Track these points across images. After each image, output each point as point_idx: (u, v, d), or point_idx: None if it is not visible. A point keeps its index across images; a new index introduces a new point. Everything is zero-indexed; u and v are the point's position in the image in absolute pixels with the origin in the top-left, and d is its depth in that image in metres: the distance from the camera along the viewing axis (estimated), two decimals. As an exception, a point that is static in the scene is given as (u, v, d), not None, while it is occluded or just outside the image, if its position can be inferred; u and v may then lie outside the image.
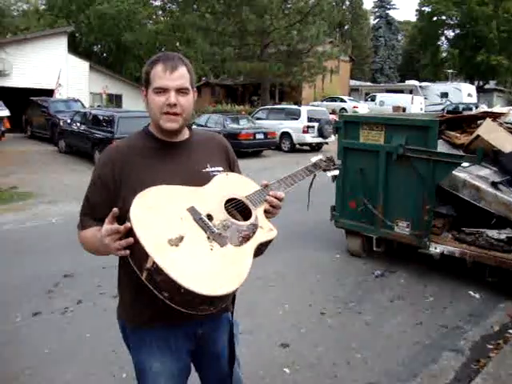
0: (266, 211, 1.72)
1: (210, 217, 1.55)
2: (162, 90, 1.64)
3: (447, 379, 3.34)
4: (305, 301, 4.66)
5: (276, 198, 1.74)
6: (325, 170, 2.12)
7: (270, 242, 1.67)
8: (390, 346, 3.81)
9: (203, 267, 1.42)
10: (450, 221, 5.35)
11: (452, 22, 45.60)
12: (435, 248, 5.02)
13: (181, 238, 1.43)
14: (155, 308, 1.57)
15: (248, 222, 1.62)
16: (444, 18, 45.12)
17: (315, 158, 2.12)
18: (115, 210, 1.46)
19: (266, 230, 1.65)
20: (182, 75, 1.66)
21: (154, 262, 1.34)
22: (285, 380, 3.34)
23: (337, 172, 2.15)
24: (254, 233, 1.61)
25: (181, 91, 1.65)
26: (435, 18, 45.17)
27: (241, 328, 2.09)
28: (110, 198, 1.65)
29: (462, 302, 4.66)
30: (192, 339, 1.80)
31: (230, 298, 1.52)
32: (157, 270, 1.35)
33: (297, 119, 17.56)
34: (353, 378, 3.38)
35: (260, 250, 1.63)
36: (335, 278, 5.29)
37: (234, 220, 1.59)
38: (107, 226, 1.45)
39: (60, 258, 5.81)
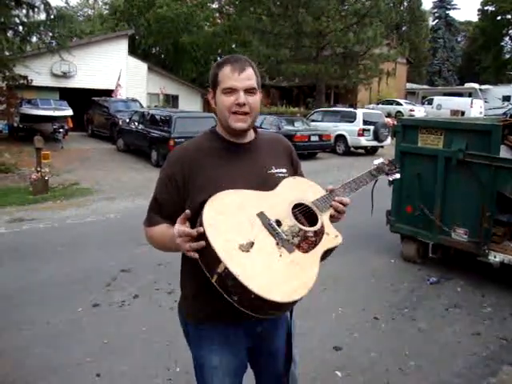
0: (331, 216, 1.74)
1: (278, 222, 1.58)
2: (231, 90, 1.68)
3: (506, 393, 3.23)
4: (358, 305, 4.62)
5: (341, 203, 1.76)
6: (387, 174, 2.12)
7: (335, 248, 1.69)
8: (445, 356, 3.72)
9: (273, 274, 1.45)
10: (511, 229, 5.16)
11: (518, 21, 43.77)
12: (495, 257, 4.85)
13: (251, 244, 1.46)
14: (217, 305, 1.61)
15: (315, 228, 1.63)
16: (509, 17, 43.33)
17: (377, 161, 2.12)
18: (188, 211, 1.52)
19: (332, 237, 1.67)
20: (249, 76, 1.70)
21: (225, 268, 1.38)
22: (336, 383, 3.34)
23: (398, 175, 2.14)
24: (320, 239, 1.62)
25: (249, 91, 1.70)
26: (499, 18, 43.46)
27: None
28: (179, 197, 1.70)
29: (522, 313, 4.49)
30: (251, 337, 1.83)
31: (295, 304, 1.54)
32: (228, 276, 1.38)
33: (352, 122, 17.35)
34: (406, 385, 3.33)
35: (325, 256, 1.65)
36: (389, 283, 5.21)
37: (301, 226, 1.61)
38: (180, 228, 1.50)
39: (117, 253, 6.03)
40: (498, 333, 4.10)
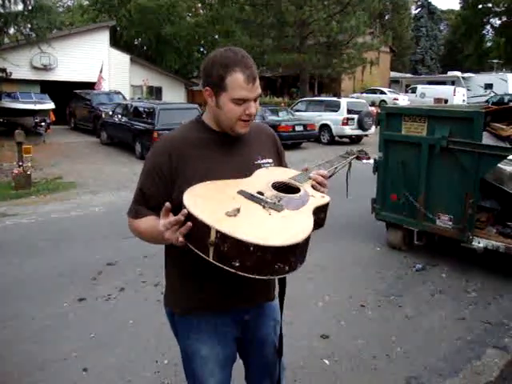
0: (313, 188, 1.72)
1: (260, 193, 1.56)
2: (243, 101, 1.65)
3: (491, 377, 3.27)
4: (345, 293, 4.65)
5: (319, 174, 1.76)
6: (358, 158, 2.16)
7: (326, 207, 1.67)
8: (431, 341, 3.76)
9: (267, 226, 1.42)
10: (494, 215, 5.22)
11: (499, 10, 44.03)
12: (478, 242, 4.90)
13: (237, 210, 1.43)
14: (204, 294, 1.61)
15: (299, 194, 1.63)
16: (490, 5, 43.64)
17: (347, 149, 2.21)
18: (168, 204, 1.47)
19: (319, 197, 1.66)
20: (258, 84, 1.67)
21: (217, 231, 1.34)
22: (324, 370, 3.36)
23: (371, 161, 2.21)
24: (307, 200, 1.61)
25: (256, 99, 1.68)
26: (480, 6, 43.75)
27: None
28: (165, 188, 1.67)
29: (505, 298, 4.55)
30: (239, 326, 1.83)
31: (302, 258, 1.47)
32: (222, 238, 1.34)
33: (336, 111, 17.38)
34: (393, 371, 3.36)
35: (319, 217, 1.62)
36: (375, 270, 5.24)
37: (284, 194, 1.60)
38: (165, 221, 1.46)
39: (103, 247, 5.98)
40: (482, 317, 4.15)
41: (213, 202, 1.49)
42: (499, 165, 4.93)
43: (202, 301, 1.71)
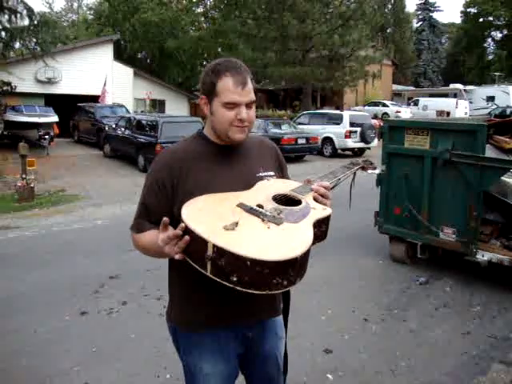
0: (315, 200, 1.69)
1: (260, 206, 1.54)
2: (234, 106, 1.65)
3: (497, 391, 3.24)
4: (348, 307, 4.62)
5: (322, 186, 1.73)
6: (363, 168, 2.12)
7: (327, 220, 1.63)
8: (435, 355, 3.73)
9: (265, 240, 1.39)
10: (498, 228, 5.19)
11: (500, 23, 44.29)
12: (482, 256, 4.88)
13: (236, 223, 1.41)
14: (207, 310, 1.59)
15: (299, 206, 1.60)
16: (491, 18, 43.88)
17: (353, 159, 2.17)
18: (166, 219, 1.47)
19: (320, 210, 1.63)
20: (250, 89, 1.68)
21: (213, 246, 1.33)
22: (328, 386, 3.32)
23: (376, 171, 2.18)
24: (308, 213, 1.58)
25: (248, 105, 1.68)
26: (481, 20, 44.00)
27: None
28: (167, 202, 1.68)
29: (511, 312, 4.51)
30: (242, 342, 1.81)
31: (301, 273, 1.44)
32: (219, 253, 1.33)
33: (339, 124, 17.41)
34: (397, 386, 3.33)
35: (320, 230, 1.60)
36: (379, 284, 5.21)
37: (285, 206, 1.57)
38: (163, 236, 1.45)
39: (105, 260, 5.97)
40: (487, 331, 4.11)
41: (211, 216, 1.47)
42: (502, 178, 4.92)
43: (205, 316, 1.70)
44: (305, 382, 3.33)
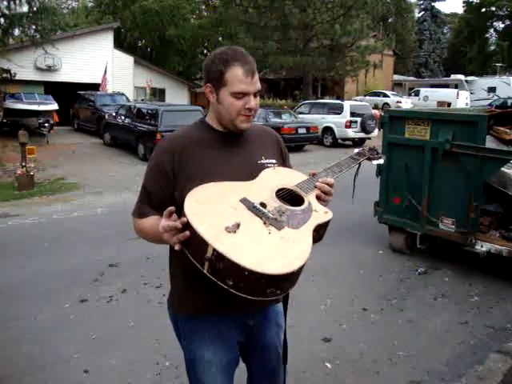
0: (318, 198, 1.70)
1: (263, 205, 1.54)
2: (243, 95, 1.66)
3: (494, 382, 3.24)
4: (347, 296, 4.64)
5: (326, 183, 1.73)
6: (369, 159, 2.11)
7: (327, 224, 1.64)
8: (433, 345, 3.75)
9: (264, 249, 1.40)
10: (497, 219, 5.20)
11: (502, 13, 44.01)
12: (481, 246, 4.89)
13: (237, 225, 1.42)
14: (208, 297, 1.60)
15: (302, 207, 1.60)
16: (493, 9, 43.59)
17: (358, 149, 2.13)
18: (172, 208, 1.48)
19: (322, 213, 1.63)
20: (257, 78, 1.69)
21: (214, 250, 1.34)
22: (326, 374, 3.34)
23: (382, 161, 2.14)
24: (309, 216, 1.58)
25: (256, 94, 1.69)
26: (484, 10, 43.71)
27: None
28: (168, 187, 1.68)
29: (509, 302, 4.53)
30: (243, 331, 1.82)
31: (296, 282, 1.46)
32: (218, 257, 1.34)
33: (339, 114, 17.38)
34: (395, 375, 3.35)
35: (319, 233, 1.60)
36: (378, 273, 5.23)
37: (287, 206, 1.58)
38: (164, 223, 1.46)
39: (105, 248, 5.98)
40: (485, 321, 4.13)
41: (214, 212, 1.47)
42: (502, 168, 4.91)
43: (206, 304, 1.71)
44: (304, 371, 3.35)
